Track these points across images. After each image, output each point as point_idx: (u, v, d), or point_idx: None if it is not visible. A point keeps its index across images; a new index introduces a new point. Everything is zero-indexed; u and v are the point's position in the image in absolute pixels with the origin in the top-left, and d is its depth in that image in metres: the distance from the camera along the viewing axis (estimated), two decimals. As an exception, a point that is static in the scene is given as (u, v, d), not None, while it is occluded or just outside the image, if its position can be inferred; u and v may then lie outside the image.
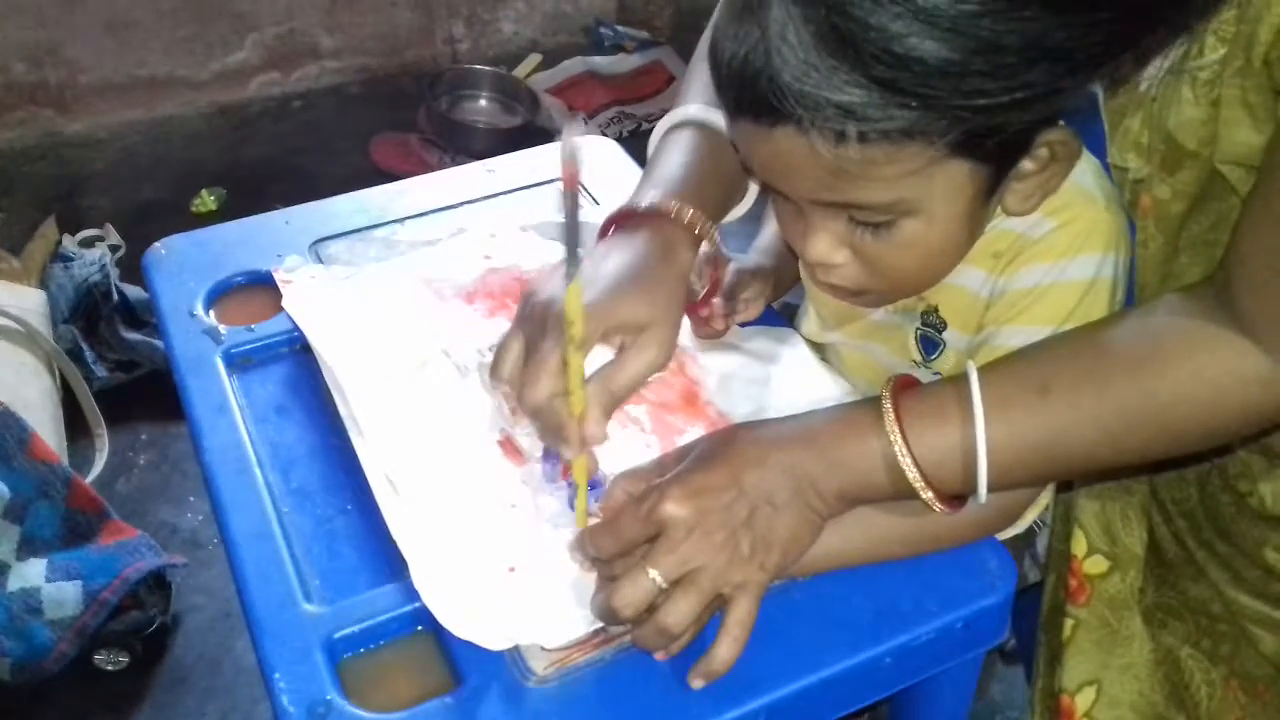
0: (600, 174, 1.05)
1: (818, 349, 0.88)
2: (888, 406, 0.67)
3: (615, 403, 0.70)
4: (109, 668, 1.44)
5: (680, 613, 0.63)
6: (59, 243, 1.94)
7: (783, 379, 0.83)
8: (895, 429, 0.66)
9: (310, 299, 0.88)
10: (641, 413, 0.80)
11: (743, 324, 0.87)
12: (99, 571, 1.40)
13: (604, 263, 0.72)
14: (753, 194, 0.84)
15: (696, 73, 0.85)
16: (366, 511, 0.74)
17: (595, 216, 0.82)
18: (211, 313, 0.91)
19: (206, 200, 2.27)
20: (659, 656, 0.66)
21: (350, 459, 0.76)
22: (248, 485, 0.76)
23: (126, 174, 2.37)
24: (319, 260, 0.96)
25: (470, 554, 0.70)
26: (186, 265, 0.96)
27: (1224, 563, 0.78)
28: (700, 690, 0.64)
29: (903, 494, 0.67)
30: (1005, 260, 0.74)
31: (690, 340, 0.85)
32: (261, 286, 0.92)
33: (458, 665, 0.66)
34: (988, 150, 0.65)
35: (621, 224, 0.77)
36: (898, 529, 0.70)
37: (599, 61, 2.64)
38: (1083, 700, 0.81)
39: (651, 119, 2.51)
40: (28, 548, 1.40)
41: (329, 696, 0.64)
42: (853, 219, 0.68)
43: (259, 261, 0.95)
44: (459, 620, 0.66)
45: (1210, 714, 0.78)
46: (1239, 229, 0.65)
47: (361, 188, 1.05)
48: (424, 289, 0.89)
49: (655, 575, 0.63)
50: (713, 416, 0.80)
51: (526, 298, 0.73)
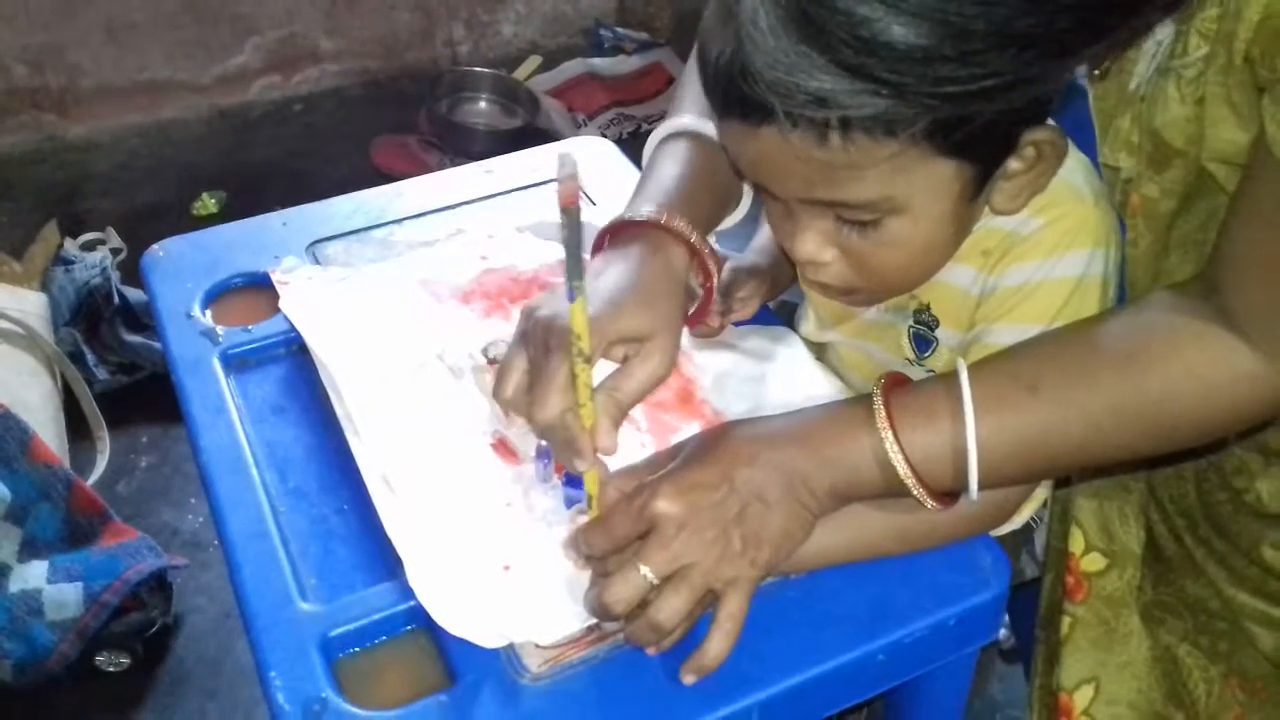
0: (598, 176, 1.05)
1: (816, 348, 0.89)
2: (879, 404, 0.67)
3: (623, 413, 0.71)
4: (110, 669, 1.44)
5: (671, 608, 0.64)
6: (60, 246, 1.94)
7: (778, 377, 0.83)
8: (886, 426, 0.66)
9: (307, 300, 0.88)
10: (637, 411, 0.79)
11: (738, 323, 0.87)
12: (100, 573, 1.41)
13: (602, 277, 0.73)
14: (747, 201, 0.85)
15: (689, 83, 0.85)
16: (362, 511, 0.74)
17: (593, 218, 0.82)
18: (209, 314, 0.92)
19: (207, 203, 2.27)
20: (650, 652, 0.66)
21: (346, 459, 0.76)
22: (245, 485, 0.77)
23: (127, 177, 2.38)
24: (316, 261, 0.96)
25: (465, 552, 0.70)
26: (184, 267, 0.96)
27: (1221, 560, 0.78)
28: (694, 687, 0.65)
29: (894, 491, 0.67)
30: (995, 258, 0.74)
31: (686, 339, 0.85)
32: (259, 288, 0.93)
33: (453, 663, 0.66)
34: (973, 149, 0.65)
35: (616, 237, 0.77)
36: (890, 526, 0.70)
37: (599, 63, 2.64)
38: (1081, 698, 0.81)
39: (651, 120, 2.51)
40: (29, 549, 1.40)
41: (324, 694, 0.65)
42: (840, 218, 0.68)
43: (256, 263, 0.95)
44: (454, 618, 0.66)
45: (1208, 711, 0.78)
46: (1226, 226, 0.65)
47: (362, 190, 1.05)
48: (421, 290, 0.89)
49: (647, 571, 0.64)
50: (708, 415, 0.80)
51: (526, 317, 0.73)
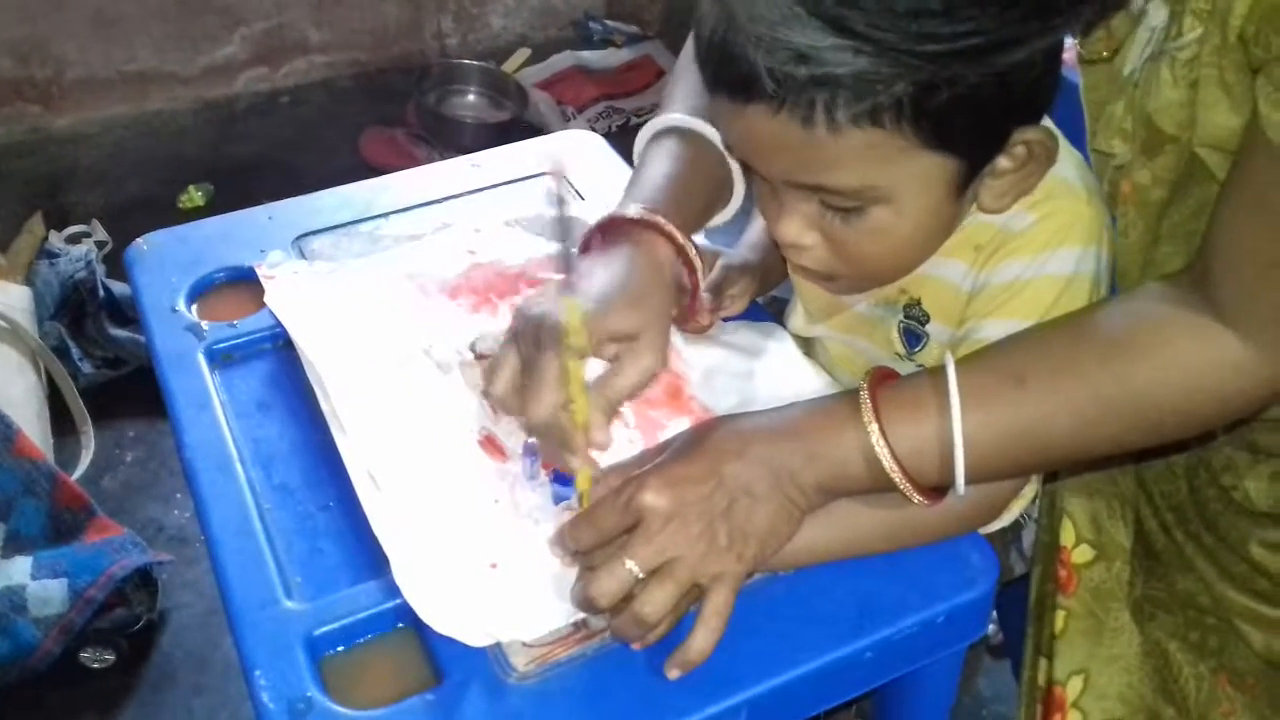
0: (587, 169, 1.04)
1: (805, 343, 0.88)
2: (865, 398, 0.67)
3: (614, 409, 0.71)
4: (95, 666, 1.43)
5: (656, 602, 0.63)
6: (45, 239, 1.93)
7: (767, 373, 0.83)
8: (873, 420, 0.66)
9: (293, 295, 0.87)
10: (625, 408, 0.79)
11: (727, 318, 0.87)
12: (85, 569, 1.40)
13: (591, 276, 0.72)
14: (738, 199, 0.84)
15: (680, 79, 0.85)
16: (348, 508, 0.73)
17: (580, 212, 0.82)
18: (194, 308, 0.91)
19: (194, 196, 2.26)
20: (635, 645, 0.66)
21: (332, 455, 0.76)
22: (229, 481, 0.76)
23: (113, 170, 2.36)
24: (302, 256, 0.95)
25: (452, 550, 0.69)
26: (169, 261, 0.95)
27: (1211, 556, 0.78)
28: (681, 685, 0.64)
29: (881, 486, 0.67)
30: (986, 253, 0.74)
31: (675, 334, 0.85)
32: (244, 282, 0.92)
33: (439, 662, 0.66)
34: (961, 143, 0.65)
35: (605, 235, 0.77)
36: (879, 523, 0.70)
37: (588, 56, 2.63)
38: (1070, 690, 0.81)
39: (641, 113, 2.50)
40: (13, 545, 1.39)
41: (310, 693, 0.64)
42: (824, 203, 0.68)
43: (242, 257, 0.94)
44: (440, 616, 0.66)
45: (1199, 707, 0.78)
46: (1216, 216, 0.65)
47: (350, 183, 1.04)
48: (407, 284, 0.88)
49: (632, 565, 0.64)
50: (696, 411, 0.80)
51: (518, 314, 0.73)
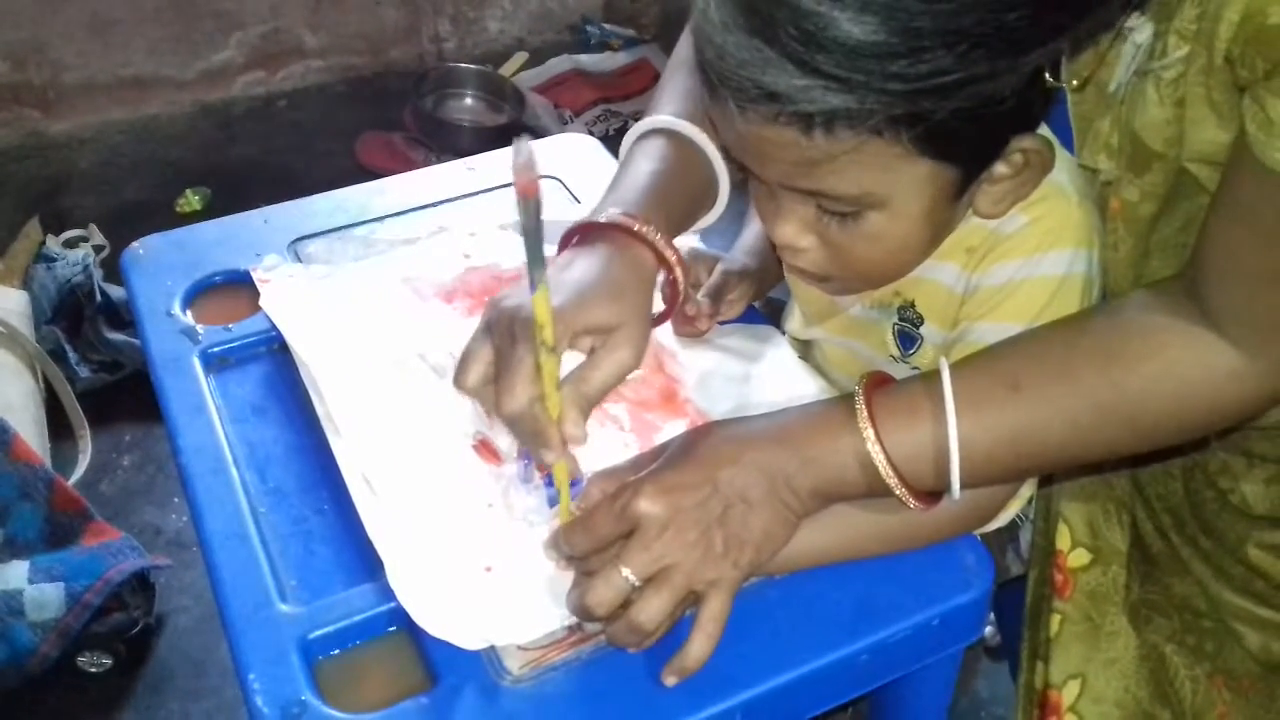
0: (583, 172, 1.04)
1: (801, 345, 0.88)
2: (860, 403, 0.67)
3: (590, 404, 0.69)
4: (92, 670, 1.43)
5: (652, 610, 0.63)
6: (42, 243, 1.93)
7: (762, 377, 0.83)
8: (868, 425, 0.66)
9: (288, 298, 0.87)
10: (620, 411, 0.79)
11: (723, 322, 0.87)
12: (82, 573, 1.39)
13: (568, 270, 0.71)
14: (723, 203, 0.83)
15: (669, 79, 0.85)
16: (343, 511, 0.73)
17: (577, 215, 0.81)
18: (189, 312, 0.91)
19: (191, 200, 2.26)
20: (631, 650, 0.66)
21: (327, 459, 0.76)
22: (224, 485, 0.76)
23: (111, 174, 2.36)
24: (298, 259, 0.95)
25: (446, 554, 0.69)
26: (164, 265, 0.95)
27: (1207, 558, 0.78)
28: (676, 688, 0.64)
29: (876, 491, 0.67)
30: (978, 256, 0.74)
31: (670, 338, 0.85)
32: (240, 286, 0.92)
33: (433, 665, 0.66)
34: (958, 152, 0.65)
35: (584, 235, 0.76)
36: (874, 527, 0.70)
37: (585, 59, 2.63)
38: (1067, 694, 0.81)
39: (638, 117, 2.49)
40: (10, 549, 1.39)
41: (304, 697, 0.64)
42: (821, 206, 0.68)
43: (237, 261, 0.94)
44: (435, 620, 0.66)
45: (1194, 710, 0.78)
46: (1206, 228, 0.65)
47: (347, 187, 1.04)
48: (403, 288, 0.88)
49: (628, 573, 0.63)
50: (692, 414, 0.80)
51: (490, 306, 0.71)
